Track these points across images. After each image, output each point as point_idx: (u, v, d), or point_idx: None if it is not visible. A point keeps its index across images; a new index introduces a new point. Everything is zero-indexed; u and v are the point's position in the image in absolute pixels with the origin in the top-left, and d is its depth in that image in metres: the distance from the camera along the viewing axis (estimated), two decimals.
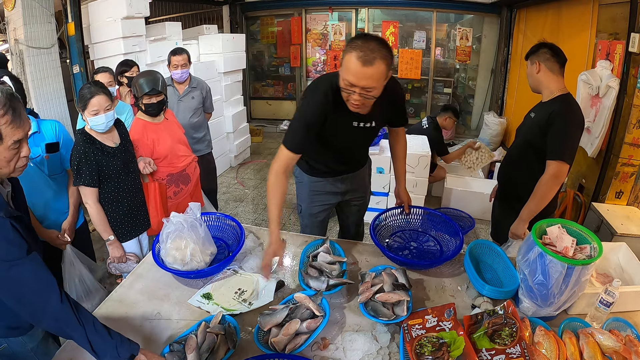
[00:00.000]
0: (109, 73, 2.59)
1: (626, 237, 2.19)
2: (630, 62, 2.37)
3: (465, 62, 5.85)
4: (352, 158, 1.80)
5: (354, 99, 1.34)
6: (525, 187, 1.79)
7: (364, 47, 1.24)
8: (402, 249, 1.71)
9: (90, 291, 1.89)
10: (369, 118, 1.54)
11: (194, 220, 1.53)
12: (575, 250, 1.22)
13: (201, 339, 1.17)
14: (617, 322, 1.24)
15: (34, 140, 1.78)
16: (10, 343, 1.24)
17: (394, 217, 1.83)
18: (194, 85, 2.95)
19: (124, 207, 1.93)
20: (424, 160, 3.11)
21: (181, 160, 2.26)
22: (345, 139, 1.61)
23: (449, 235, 1.70)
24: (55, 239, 1.83)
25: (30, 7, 3.03)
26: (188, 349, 1.12)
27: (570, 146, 1.67)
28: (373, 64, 1.24)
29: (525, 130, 1.88)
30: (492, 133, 5.22)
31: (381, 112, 1.56)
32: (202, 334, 1.18)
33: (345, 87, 1.33)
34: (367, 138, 1.71)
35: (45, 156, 1.79)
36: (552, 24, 3.96)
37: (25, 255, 0.99)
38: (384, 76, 1.30)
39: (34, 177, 1.78)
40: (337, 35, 6.08)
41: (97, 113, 1.73)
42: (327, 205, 1.89)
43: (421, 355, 1.05)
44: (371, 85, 1.29)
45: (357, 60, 1.25)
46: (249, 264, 1.60)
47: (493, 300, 1.33)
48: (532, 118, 1.84)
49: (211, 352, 1.14)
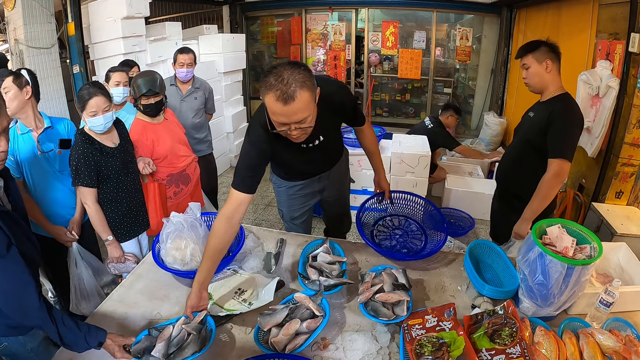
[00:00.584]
0: (125, 73, 2.48)
1: (626, 237, 2.19)
2: (630, 62, 2.37)
3: (465, 62, 5.85)
4: (323, 163, 1.78)
5: (294, 134, 1.28)
6: (524, 186, 1.79)
7: (279, 84, 1.15)
8: (389, 239, 1.77)
9: (87, 296, 1.89)
10: (314, 137, 1.48)
11: (194, 220, 1.53)
12: (575, 250, 1.22)
13: (175, 333, 1.18)
14: (617, 322, 1.24)
15: (48, 135, 1.84)
16: (10, 342, 1.25)
17: (376, 205, 1.89)
18: (197, 85, 2.96)
19: (123, 208, 1.93)
20: (424, 160, 3.11)
21: (181, 160, 2.26)
22: (304, 157, 1.58)
23: (429, 217, 1.79)
24: (63, 235, 1.85)
25: (30, 7, 3.03)
26: (160, 338, 1.15)
27: (571, 144, 1.68)
28: (295, 98, 1.15)
29: (524, 129, 1.88)
30: (492, 133, 5.22)
31: (326, 124, 1.47)
32: (177, 328, 1.19)
33: (280, 127, 1.26)
34: (327, 147, 1.61)
35: (57, 151, 1.84)
36: (552, 24, 3.96)
37: (5, 252, 1.00)
38: (311, 103, 1.21)
39: (45, 171, 1.82)
40: (337, 35, 6.07)
41: (95, 114, 1.73)
42: (307, 206, 1.92)
43: (421, 355, 1.05)
44: (303, 117, 1.21)
45: (278, 101, 1.16)
46: (249, 264, 1.60)
47: (493, 300, 1.33)
48: (532, 117, 1.84)
49: (179, 347, 1.14)
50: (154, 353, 1.11)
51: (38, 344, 1.29)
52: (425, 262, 1.60)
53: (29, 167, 1.79)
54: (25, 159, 1.78)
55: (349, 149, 3.23)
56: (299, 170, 1.76)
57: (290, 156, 1.56)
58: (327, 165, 1.81)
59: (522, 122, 1.94)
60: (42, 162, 1.81)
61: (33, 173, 1.80)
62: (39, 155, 1.79)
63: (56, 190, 1.87)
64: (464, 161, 4.39)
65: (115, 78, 2.37)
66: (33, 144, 1.79)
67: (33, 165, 1.79)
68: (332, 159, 1.82)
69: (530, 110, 1.89)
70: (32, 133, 1.79)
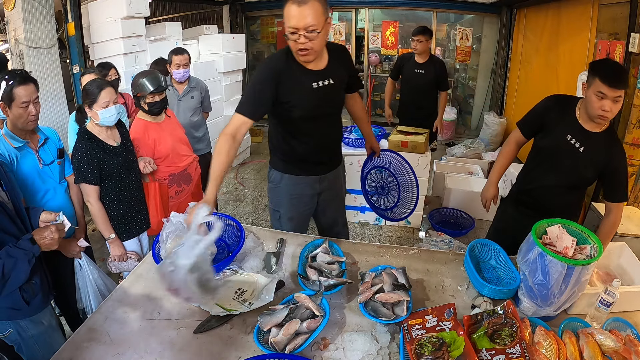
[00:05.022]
0: (95, 74, 2.38)
1: (626, 237, 2.19)
2: (630, 62, 2.37)
3: (465, 62, 5.85)
4: (327, 147, 1.78)
5: (301, 42, 1.43)
6: (559, 210, 1.65)
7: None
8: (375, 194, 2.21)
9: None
10: (325, 74, 1.60)
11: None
12: (575, 250, 1.22)
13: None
14: (617, 322, 1.24)
15: (48, 146, 1.79)
16: (14, 329, 1.28)
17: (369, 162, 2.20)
18: (193, 85, 2.97)
19: (125, 206, 1.93)
20: (424, 160, 3.11)
21: (183, 159, 2.26)
22: (310, 104, 1.61)
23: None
24: (74, 247, 1.74)
25: (30, 7, 3.04)
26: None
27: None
28: (307, 3, 1.37)
29: (577, 164, 1.63)
30: (492, 133, 5.22)
31: (335, 70, 1.63)
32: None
33: (291, 34, 1.43)
34: (331, 109, 1.71)
35: (58, 162, 1.81)
36: (552, 24, 3.96)
37: None
38: (321, 14, 1.41)
39: (48, 184, 1.77)
40: (337, 35, 6.07)
41: (107, 105, 1.74)
42: (306, 208, 1.88)
43: (421, 355, 1.05)
44: (311, 23, 1.39)
45: (293, 4, 1.38)
46: (249, 264, 1.60)
47: (493, 300, 1.33)
48: (582, 154, 1.61)
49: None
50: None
51: (40, 332, 1.32)
52: (425, 262, 1.60)
53: (31, 181, 1.71)
54: (28, 173, 1.70)
55: (349, 149, 3.28)
56: (305, 154, 1.72)
57: (298, 99, 1.58)
58: (328, 161, 1.82)
59: (564, 150, 1.65)
60: (45, 175, 1.75)
61: (39, 188, 1.74)
62: (40, 167, 1.73)
63: (60, 202, 1.81)
64: (464, 161, 4.40)
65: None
66: (33, 157, 1.72)
67: (35, 179, 1.72)
68: (333, 155, 1.84)
69: (574, 139, 1.62)
70: (30, 145, 1.71)
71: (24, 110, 1.58)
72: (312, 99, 1.60)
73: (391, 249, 1.68)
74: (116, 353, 1.18)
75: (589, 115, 1.57)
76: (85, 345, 1.20)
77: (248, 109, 1.52)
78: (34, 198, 1.74)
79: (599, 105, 1.48)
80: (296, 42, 1.44)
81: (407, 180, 2.29)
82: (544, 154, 1.75)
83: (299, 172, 1.78)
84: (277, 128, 1.74)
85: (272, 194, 1.89)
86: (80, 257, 1.77)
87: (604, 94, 1.45)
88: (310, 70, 1.57)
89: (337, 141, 1.88)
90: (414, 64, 3.51)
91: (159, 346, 1.20)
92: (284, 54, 1.57)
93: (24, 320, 1.36)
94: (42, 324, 1.37)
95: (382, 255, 1.64)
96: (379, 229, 3.43)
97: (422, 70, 3.49)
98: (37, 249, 1.24)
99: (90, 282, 1.78)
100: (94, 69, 2.51)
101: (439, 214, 3.46)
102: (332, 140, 1.82)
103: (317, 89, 1.60)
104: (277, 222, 1.91)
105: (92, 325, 1.28)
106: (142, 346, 1.20)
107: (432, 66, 3.47)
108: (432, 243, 2.85)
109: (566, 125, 1.64)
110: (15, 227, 1.29)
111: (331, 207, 1.96)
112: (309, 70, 1.57)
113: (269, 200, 1.94)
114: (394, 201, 2.25)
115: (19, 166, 1.67)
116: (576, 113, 1.64)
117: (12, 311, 1.31)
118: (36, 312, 1.39)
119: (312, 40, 1.43)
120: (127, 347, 1.20)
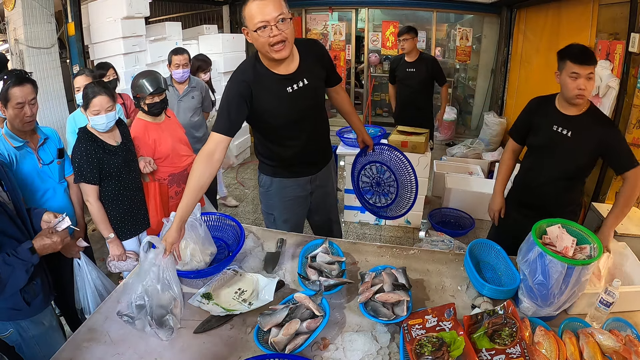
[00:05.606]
0: (85, 75, 2.37)
1: (626, 237, 2.18)
2: (630, 62, 2.37)
3: (465, 62, 5.85)
4: (316, 145, 1.74)
5: (274, 34, 1.37)
6: (559, 206, 1.70)
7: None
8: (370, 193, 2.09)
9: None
10: (298, 76, 1.55)
11: (193, 220, 1.53)
12: (575, 250, 1.22)
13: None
14: (617, 322, 1.24)
15: (48, 146, 1.79)
16: (15, 329, 1.28)
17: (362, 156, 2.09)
18: (193, 85, 2.97)
19: (125, 206, 1.93)
20: (424, 160, 3.11)
21: (183, 160, 2.26)
22: (290, 110, 1.56)
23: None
24: (73, 247, 1.73)
25: (30, 7, 3.04)
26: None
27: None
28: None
29: (571, 154, 1.67)
30: (492, 133, 5.22)
31: (308, 69, 1.57)
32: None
33: (261, 30, 1.38)
34: (312, 108, 1.63)
35: (57, 162, 1.81)
36: (552, 24, 3.96)
37: None
38: (285, 4, 1.38)
39: (47, 183, 1.77)
40: (337, 35, 6.08)
41: (98, 113, 1.74)
42: (301, 208, 1.86)
43: (421, 355, 1.05)
44: (279, 12, 1.35)
45: (253, 2, 1.35)
46: (249, 264, 1.60)
47: (493, 300, 1.33)
48: (571, 139, 1.64)
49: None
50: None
51: (41, 333, 1.32)
52: (425, 262, 1.60)
53: (30, 181, 1.71)
54: (27, 173, 1.70)
55: (348, 149, 3.28)
56: (293, 156, 1.69)
57: (274, 106, 1.53)
58: (317, 159, 1.78)
59: (557, 142, 1.68)
60: (45, 175, 1.76)
61: (39, 189, 1.74)
62: (39, 167, 1.73)
63: (60, 203, 1.82)
64: (464, 161, 4.40)
65: (79, 82, 2.23)
66: (33, 157, 1.73)
67: (34, 178, 1.72)
68: (323, 152, 1.80)
69: (560, 127, 1.67)
70: (29, 145, 1.72)
71: (19, 111, 1.59)
72: (290, 104, 1.55)
73: (391, 249, 1.68)
74: (116, 353, 1.18)
75: (567, 100, 1.64)
76: (85, 345, 1.20)
77: (224, 126, 1.46)
78: (33, 198, 1.74)
79: (575, 85, 1.56)
80: (269, 36, 1.38)
81: (406, 178, 2.17)
82: (537, 150, 1.80)
83: (289, 174, 1.76)
84: (260, 137, 1.71)
85: (264, 197, 1.86)
86: (79, 257, 1.77)
87: (577, 74, 1.54)
88: (282, 76, 1.52)
89: (326, 136, 1.81)
90: (405, 63, 3.59)
91: (158, 346, 1.20)
92: (251, 65, 1.53)
93: (25, 321, 1.36)
94: (43, 324, 1.37)
95: (382, 255, 1.64)
96: (379, 229, 3.44)
97: (413, 69, 3.55)
98: (36, 258, 1.24)
99: (89, 283, 1.77)
100: (84, 70, 2.48)
101: (439, 214, 3.47)
102: (321, 136, 1.77)
103: (292, 93, 1.54)
104: (272, 225, 1.89)
105: (92, 325, 1.28)
106: (142, 346, 1.20)
107: (423, 64, 3.54)
108: (432, 243, 2.86)
109: (550, 118, 1.72)
110: (15, 227, 1.29)
111: (324, 205, 1.95)
112: (280, 76, 1.52)
113: (261, 204, 1.92)
114: (392, 198, 2.15)
115: (18, 166, 1.68)
116: (556, 105, 1.72)
117: (13, 312, 1.31)
118: (37, 312, 1.39)
119: (285, 30, 1.38)
120: (127, 347, 1.20)
